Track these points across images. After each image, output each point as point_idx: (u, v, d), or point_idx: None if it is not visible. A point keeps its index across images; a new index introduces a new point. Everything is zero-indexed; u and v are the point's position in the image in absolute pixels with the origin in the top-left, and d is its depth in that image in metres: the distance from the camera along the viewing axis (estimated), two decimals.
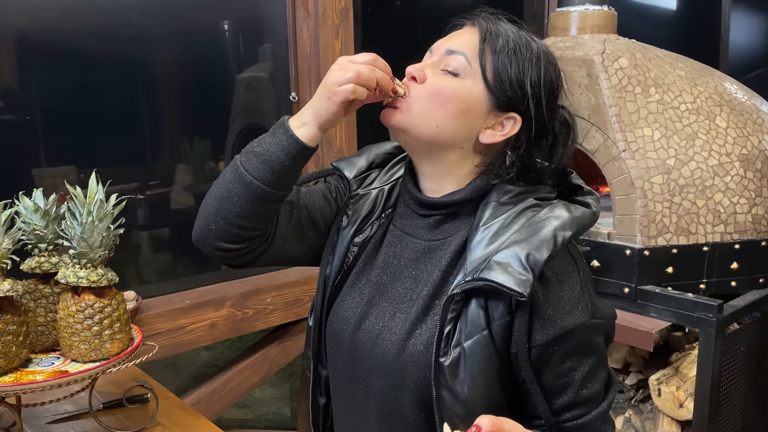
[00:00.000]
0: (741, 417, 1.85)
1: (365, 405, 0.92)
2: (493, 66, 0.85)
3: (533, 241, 0.80)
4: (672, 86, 1.87)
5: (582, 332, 0.83)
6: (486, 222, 0.85)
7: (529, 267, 0.78)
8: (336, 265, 0.97)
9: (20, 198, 1.08)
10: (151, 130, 1.88)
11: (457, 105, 0.85)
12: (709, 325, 1.63)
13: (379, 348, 0.89)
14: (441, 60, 0.87)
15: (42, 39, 1.65)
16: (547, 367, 0.83)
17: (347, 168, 1.01)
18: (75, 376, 1.00)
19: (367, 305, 0.93)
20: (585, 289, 0.85)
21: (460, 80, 0.85)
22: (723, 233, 1.78)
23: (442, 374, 0.82)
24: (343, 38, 2.04)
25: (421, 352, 0.85)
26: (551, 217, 0.83)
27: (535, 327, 0.81)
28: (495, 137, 0.87)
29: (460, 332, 0.82)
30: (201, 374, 2.62)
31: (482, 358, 0.81)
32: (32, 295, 1.10)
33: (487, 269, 0.80)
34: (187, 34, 1.94)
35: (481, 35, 0.86)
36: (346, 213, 0.98)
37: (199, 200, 1.97)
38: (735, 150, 1.81)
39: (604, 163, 1.83)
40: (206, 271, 2.02)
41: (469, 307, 0.82)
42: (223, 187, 0.89)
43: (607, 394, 0.88)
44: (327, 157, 2.05)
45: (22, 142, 1.64)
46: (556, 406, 0.84)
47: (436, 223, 0.91)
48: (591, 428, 0.85)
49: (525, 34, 0.89)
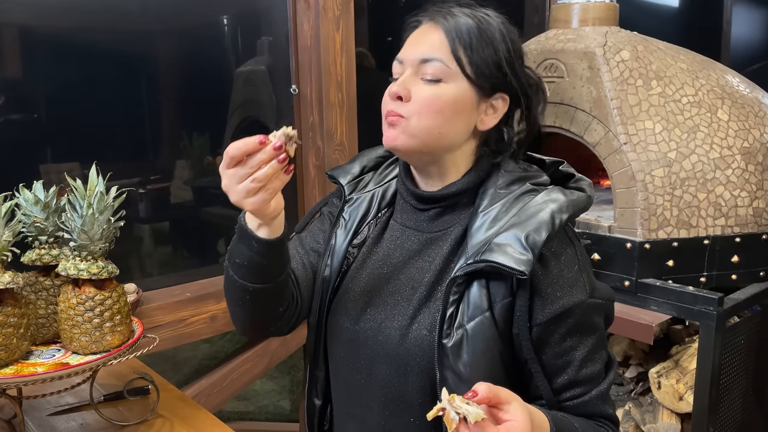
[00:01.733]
0: (741, 410, 1.86)
1: (368, 393, 0.93)
2: (470, 61, 0.86)
3: (532, 223, 0.83)
4: (674, 79, 1.87)
5: (581, 311, 0.85)
6: (485, 208, 0.88)
7: (528, 247, 0.81)
8: (335, 268, 0.99)
9: (20, 190, 1.08)
10: (151, 124, 1.88)
11: (451, 109, 0.87)
12: (710, 319, 1.63)
13: (382, 335, 0.91)
14: (417, 69, 0.88)
15: (42, 35, 1.65)
16: (547, 345, 0.85)
17: (341, 175, 1.04)
18: (76, 368, 1.00)
19: (369, 296, 0.94)
20: (583, 269, 0.88)
21: (444, 85, 0.86)
22: (724, 226, 1.78)
23: (446, 356, 0.83)
24: (344, 30, 2.03)
25: (425, 335, 0.87)
26: (548, 201, 0.86)
27: (535, 306, 0.84)
28: (491, 121, 0.91)
29: (463, 314, 0.84)
30: (202, 366, 2.63)
31: (484, 339, 0.83)
32: (33, 288, 1.10)
33: (488, 251, 0.82)
34: (187, 28, 1.93)
35: (446, 34, 0.87)
36: (342, 217, 1.01)
37: (199, 194, 1.99)
38: (736, 143, 1.81)
39: (605, 156, 1.82)
40: (207, 264, 2.02)
41: (470, 290, 0.84)
42: (233, 297, 0.93)
43: (606, 375, 0.89)
44: (328, 150, 2.05)
45: (26, 139, 1.65)
46: (557, 385, 0.86)
47: (436, 215, 0.93)
48: (591, 407, 0.87)
49: (479, 13, 0.90)
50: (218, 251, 2.11)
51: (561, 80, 1.93)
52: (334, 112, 2.04)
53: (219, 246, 2.12)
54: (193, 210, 2.02)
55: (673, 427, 1.80)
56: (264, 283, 0.88)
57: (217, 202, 2.04)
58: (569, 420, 0.84)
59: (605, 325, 0.91)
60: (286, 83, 2.08)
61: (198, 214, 2.04)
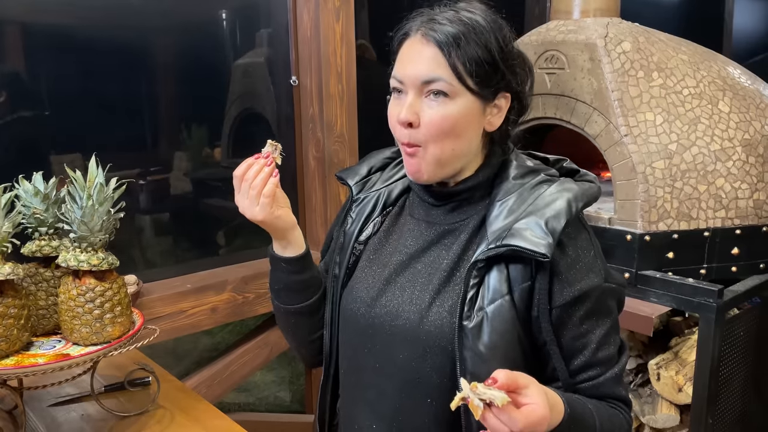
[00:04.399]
0: (740, 402, 1.86)
1: (383, 378, 0.95)
2: (470, 73, 0.86)
3: (550, 210, 0.87)
4: (675, 70, 1.86)
5: (598, 294, 0.89)
6: (502, 197, 0.92)
7: (548, 231, 0.84)
8: (344, 264, 1.03)
9: (20, 181, 1.08)
10: (150, 116, 1.88)
11: (461, 125, 0.88)
12: (709, 311, 1.64)
13: (400, 319, 0.93)
14: (420, 90, 0.88)
15: (43, 28, 1.65)
16: (566, 328, 0.88)
17: (350, 176, 1.09)
18: (77, 360, 1.00)
19: (385, 283, 0.97)
20: (597, 255, 0.92)
21: (450, 102, 0.87)
22: (724, 218, 1.78)
23: (465, 337, 0.86)
24: (344, 21, 2.02)
25: (445, 317, 0.90)
26: (563, 190, 0.90)
27: (555, 289, 0.87)
28: (498, 121, 0.93)
29: (483, 297, 0.87)
30: (202, 358, 2.64)
31: (504, 321, 0.86)
32: (33, 279, 1.10)
33: (509, 237, 0.86)
34: (187, 20, 1.93)
35: (441, 48, 0.86)
36: (350, 215, 1.06)
37: (198, 186, 1.99)
38: (737, 135, 1.80)
39: (606, 148, 1.82)
40: (207, 256, 2.02)
41: (490, 274, 0.87)
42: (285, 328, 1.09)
43: (620, 359, 0.93)
44: (328, 141, 2.05)
45: (27, 131, 1.65)
46: (573, 367, 0.90)
47: (452, 208, 0.96)
48: (605, 389, 0.91)
49: (465, 14, 0.88)
50: (218, 243, 2.11)
51: (562, 72, 1.93)
52: (334, 103, 2.04)
53: (218, 238, 2.12)
54: (193, 201, 2.02)
55: (672, 418, 1.80)
56: (303, 301, 1.03)
57: (216, 193, 2.04)
58: (583, 401, 0.87)
59: (618, 311, 0.94)
60: (286, 74, 2.07)
61: (198, 206, 2.04)
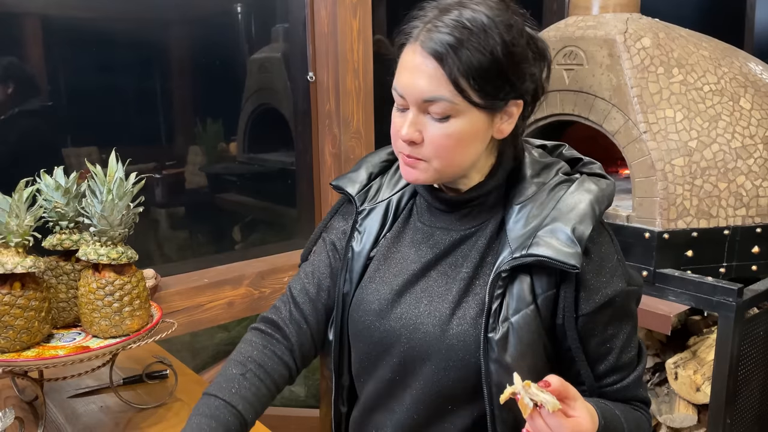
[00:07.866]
0: (759, 402, 1.84)
1: (402, 388, 0.93)
2: (473, 87, 0.79)
3: (574, 215, 0.84)
4: (695, 67, 1.83)
5: (621, 299, 0.87)
6: (520, 200, 0.88)
7: (576, 240, 0.82)
8: (355, 280, 0.97)
9: (41, 176, 1.09)
10: (166, 110, 1.89)
11: (467, 139, 0.83)
12: (729, 310, 1.62)
13: (420, 332, 0.89)
14: (422, 108, 0.82)
15: (62, 23, 1.67)
16: (592, 335, 0.87)
17: (349, 185, 1.01)
18: (96, 352, 1.01)
19: (397, 295, 0.92)
20: (620, 258, 0.89)
21: (454, 120, 0.81)
22: (744, 216, 1.76)
23: (491, 349, 0.84)
24: (361, 17, 2.02)
25: (468, 330, 0.87)
26: (583, 191, 0.86)
27: (581, 297, 0.85)
28: (508, 128, 0.86)
29: (507, 307, 0.84)
30: (219, 352, 2.66)
31: (530, 331, 0.84)
32: (54, 272, 1.12)
33: (534, 245, 0.83)
34: (204, 15, 1.94)
35: (441, 63, 0.78)
36: (357, 230, 0.99)
37: (213, 180, 2.00)
38: (759, 132, 1.78)
39: (625, 145, 1.80)
40: (224, 250, 2.03)
41: (514, 283, 0.84)
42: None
43: (640, 360, 0.92)
44: (344, 137, 2.05)
45: (45, 124, 1.67)
46: (599, 372, 0.89)
47: (466, 214, 0.92)
48: (628, 392, 0.90)
49: (467, 13, 0.79)
50: (234, 238, 2.13)
51: (580, 68, 1.91)
52: (350, 99, 2.04)
53: (235, 233, 2.13)
54: (209, 196, 2.03)
55: (690, 418, 1.79)
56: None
57: (232, 188, 2.05)
58: (612, 409, 0.86)
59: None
60: (302, 70, 2.07)
61: (214, 200, 2.05)
